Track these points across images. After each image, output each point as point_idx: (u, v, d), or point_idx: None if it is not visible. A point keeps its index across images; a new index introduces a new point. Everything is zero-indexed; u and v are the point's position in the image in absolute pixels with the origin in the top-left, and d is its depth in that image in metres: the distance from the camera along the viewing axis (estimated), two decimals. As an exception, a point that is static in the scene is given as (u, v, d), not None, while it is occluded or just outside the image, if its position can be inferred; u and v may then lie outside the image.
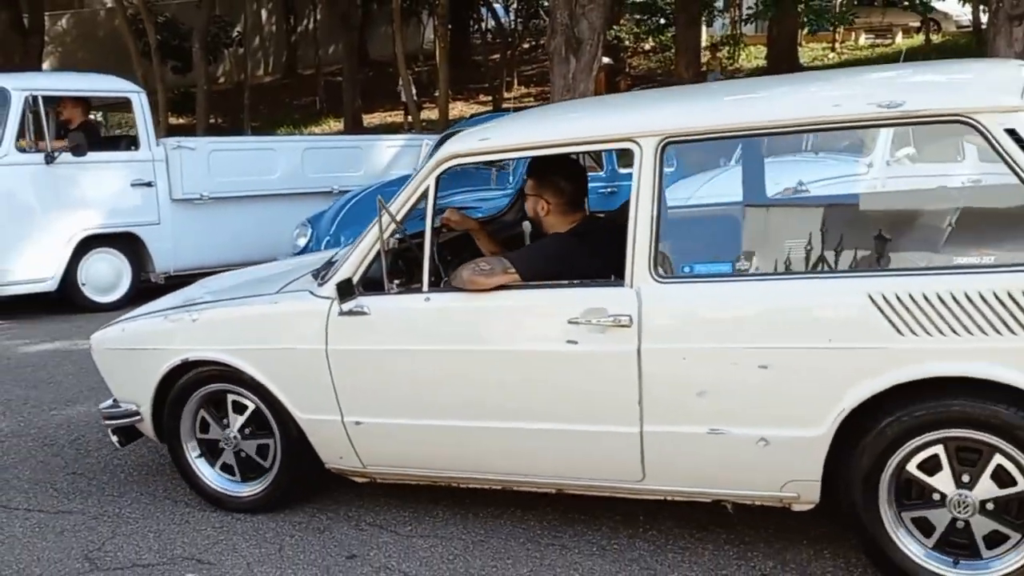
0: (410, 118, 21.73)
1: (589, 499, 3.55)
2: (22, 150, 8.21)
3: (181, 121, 24.32)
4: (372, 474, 3.83)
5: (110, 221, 8.68)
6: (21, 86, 8.35)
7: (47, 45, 22.35)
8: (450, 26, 21.60)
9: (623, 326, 3.11)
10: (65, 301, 8.62)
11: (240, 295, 4.13)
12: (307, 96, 28.01)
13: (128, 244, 8.86)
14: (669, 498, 3.37)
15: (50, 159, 8.21)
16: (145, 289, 8.84)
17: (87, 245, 8.59)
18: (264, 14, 32.90)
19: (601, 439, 3.25)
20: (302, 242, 8.16)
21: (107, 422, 4.27)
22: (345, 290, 3.58)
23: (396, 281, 3.57)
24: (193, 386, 4.00)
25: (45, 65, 21.85)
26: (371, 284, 3.61)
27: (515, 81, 27.68)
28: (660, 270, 3.12)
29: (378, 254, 3.54)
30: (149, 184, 8.85)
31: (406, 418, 3.58)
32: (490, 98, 25.31)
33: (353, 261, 3.63)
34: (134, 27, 21.98)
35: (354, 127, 22.74)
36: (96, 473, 4.55)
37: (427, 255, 3.48)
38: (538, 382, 3.32)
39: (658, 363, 3.10)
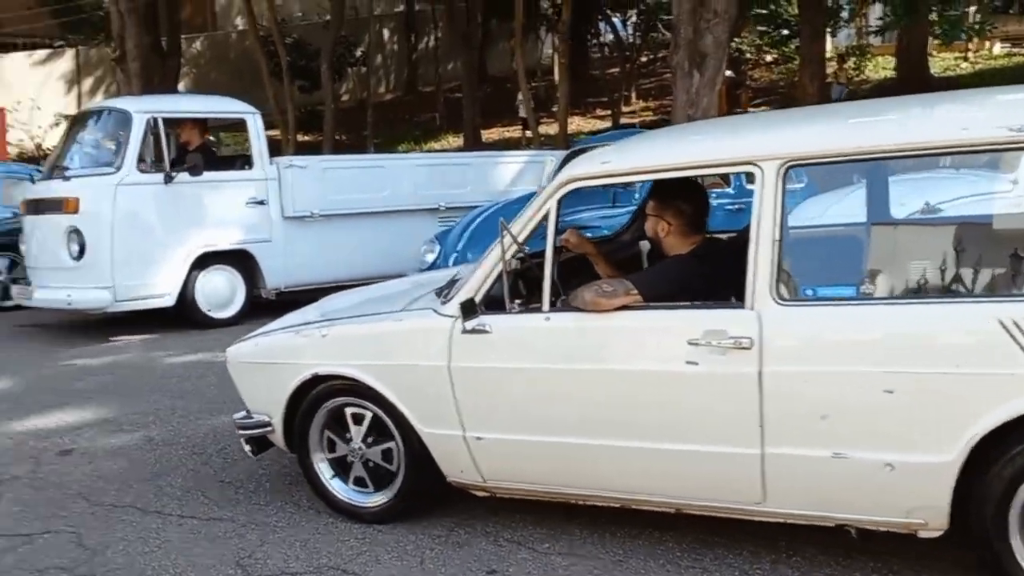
0: (528, 133, 21.92)
1: (727, 522, 3.51)
2: (142, 170, 8.47)
3: (307, 138, 25.08)
4: (492, 488, 3.90)
5: (224, 238, 8.90)
6: (143, 109, 8.66)
7: (183, 66, 23.35)
8: (569, 41, 21.71)
9: (744, 348, 3.11)
10: (182, 316, 8.88)
11: (367, 312, 4.27)
12: (427, 113, 28.56)
13: (241, 261, 9.07)
14: (790, 521, 3.34)
15: (169, 179, 8.47)
16: (257, 304, 9.18)
17: (203, 262, 8.82)
18: (386, 33, 33.73)
19: (720, 460, 3.25)
20: (430, 258, 8.32)
21: (241, 432, 4.47)
22: (468, 309, 3.68)
23: (517, 301, 3.65)
24: (322, 399, 4.15)
25: (181, 86, 22.82)
26: (493, 303, 3.69)
27: (633, 95, 27.64)
28: (782, 293, 3.11)
29: (500, 274, 3.63)
30: (262, 202, 9.06)
31: (526, 434, 3.65)
32: (608, 112, 25.33)
33: (476, 281, 3.72)
34: (265, 48, 22.80)
35: (473, 143, 23.07)
36: (243, 482, 4.73)
37: (547, 276, 3.55)
38: (656, 402, 3.34)
39: (780, 386, 3.09)
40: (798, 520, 3.31)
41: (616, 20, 29.28)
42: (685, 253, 3.73)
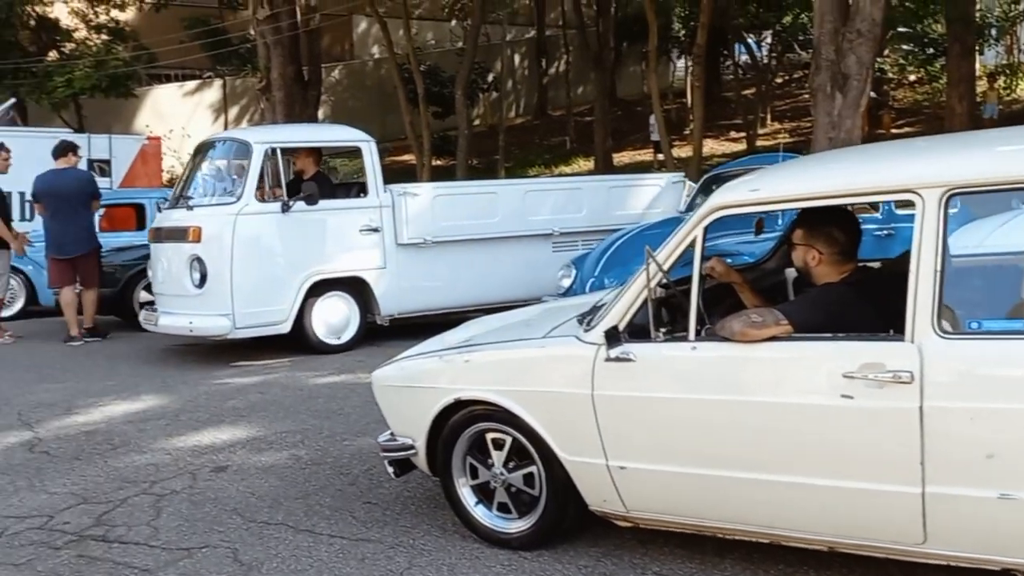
0: (660, 156, 21.81)
1: (884, 562, 3.39)
2: (260, 200, 8.64)
3: (440, 163, 25.56)
4: (635, 519, 3.87)
5: (339, 266, 8.92)
6: (262, 140, 8.84)
7: (322, 94, 24.14)
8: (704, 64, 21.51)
9: (903, 383, 3.01)
10: (299, 342, 8.95)
11: (509, 338, 4.31)
12: (557, 136, 28.73)
13: (355, 288, 9.08)
14: (952, 564, 3.20)
15: (286, 208, 8.58)
16: (372, 330, 9.25)
17: (317, 289, 8.87)
18: (517, 59, 34.15)
19: (877, 498, 3.14)
20: (566, 283, 8.31)
21: (385, 454, 4.56)
22: (611, 337, 3.67)
23: (662, 329, 3.62)
24: (464, 424, 4.20)
25: (320, 113, 23.58)
26: (637, 331, 3.67)
27: (768, 117, 27.18)
28: (944, 325, 3.00)
29: (644, 302, 3.61)
30: (376, 230, 9.08)
31: (670, 465, 3.60)
32: (742, 135, 24.98)
33: (619, 308, 3.71)
34: (401, 76, 23.37)
35: (604, 166, 23.08)
36: (389, 503, 4.81)
37: (693, 304, 3.51)
38: (808, 436, 3.25)
39: (942, 422, 2.97)
40: (960, 563, 3.17)
41: (751, 41, 28.89)
42: (837, 282, 3.64)
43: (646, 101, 30.57)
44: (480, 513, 4.21)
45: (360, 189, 9.43)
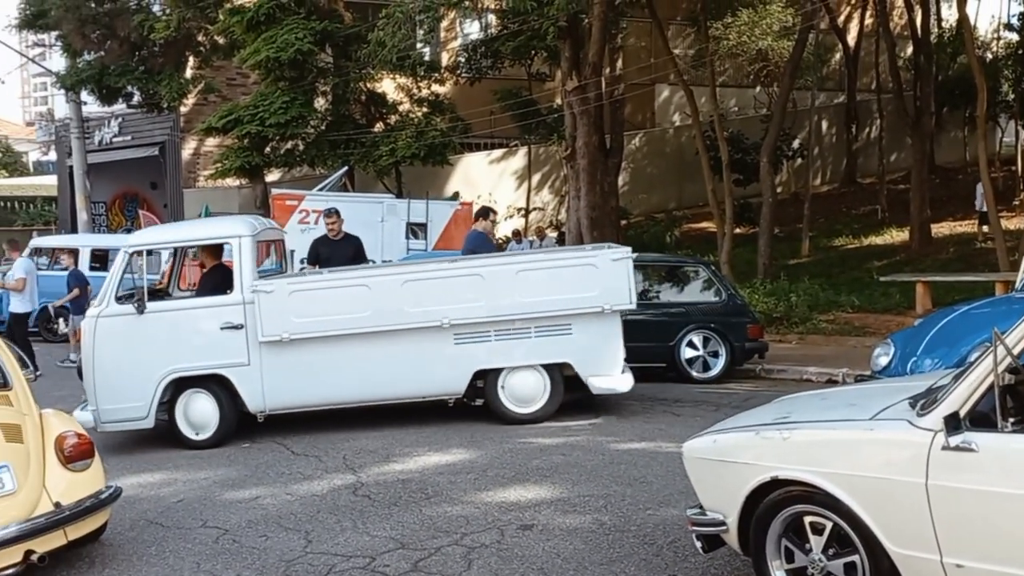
0: (985, 228, 20.30)
1: None
2: (119, 300, 8.80)
3: (739, 231, 25.16)
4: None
5: (198, 363, 8.78)
6: (128, 243, 9.26)
7: (622, 162, 24.57)
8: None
9: None
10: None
11: (831, 418, 4.14)
12: (867, 205, 27.47)
13: (221, 384, 8.83)
14: None
15: (141, 309, 8.66)
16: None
17: (183, 385, 8.78)
18: (825, 124, 33.16)
19: None
20: (883, 362, 7.89)
21: (694, 528, 4.49)
22: (951, 424, 3.43)
23: (1010, 419, 3.34)
24: (780, 505, 4.06)
25: (620, 180, 23.91)
26: (979, 419, 3.41)
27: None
28: None
29: (990, 387, 3.35)
30: (239, 327, 8.74)
31: (1018, 568, 3.29)
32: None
33: (961, 393, 3.47)
34: (703, 143, 23.31)
35: (920, 238, 21.78)
36: (697, 580, 4.73)
37: (1049, 393, 3.21)
38: None
39: None
40: None
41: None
42: None
43: (967, 169, 28.65)
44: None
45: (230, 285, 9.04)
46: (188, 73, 24.43)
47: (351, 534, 5.82)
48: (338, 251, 10.98)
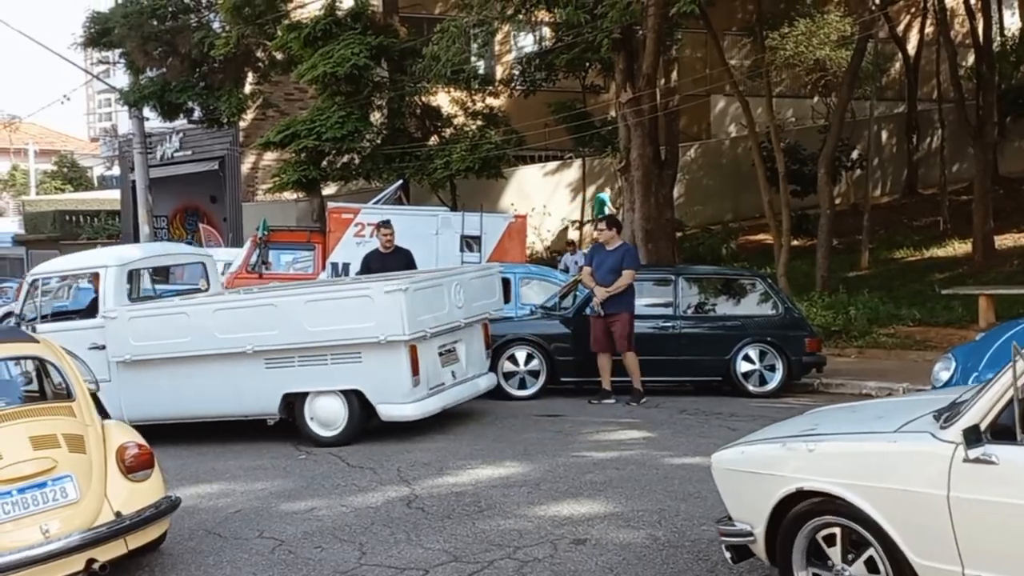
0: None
1: None
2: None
3: (797, 243, 24.95)
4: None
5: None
6: (31, 273, 10.32)
7: (677, 173, 24.52)
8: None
9: None
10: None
11: (857, 429, 4.22)
12: (929, 217, 27.04)
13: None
14: None
15: (32, 330, 9.03)
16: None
17: None
18: (884, 135, 32.73)
19: None
20: (944, 376, 7.80)
21: (723, 538, 4.60)
22: (971, 436, 3.52)
23: (1032, 432, 3.41)
24: (806, 516, 4.15)
25: (675, 191, 23.87)
26: (1000, 431, 3.49)
27: None
28: None
29: (1010, 401, 3.44)
30: (102, 347, 9.68)
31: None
32: None
33: (981, 407, 3.56)
34: (760, 154, 23.19)
35: (984, 250, 21.40)
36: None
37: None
38: None
39: None
40: None
41: None
42: None
43: (1032, 179, 28.08)
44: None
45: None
46: (247, 89, 24.94)
47: (404, 546, 5.95)
48: (389, 264, 11.28)
